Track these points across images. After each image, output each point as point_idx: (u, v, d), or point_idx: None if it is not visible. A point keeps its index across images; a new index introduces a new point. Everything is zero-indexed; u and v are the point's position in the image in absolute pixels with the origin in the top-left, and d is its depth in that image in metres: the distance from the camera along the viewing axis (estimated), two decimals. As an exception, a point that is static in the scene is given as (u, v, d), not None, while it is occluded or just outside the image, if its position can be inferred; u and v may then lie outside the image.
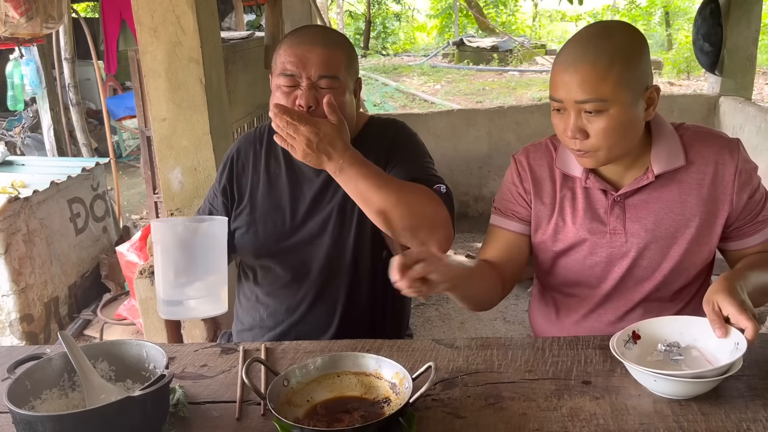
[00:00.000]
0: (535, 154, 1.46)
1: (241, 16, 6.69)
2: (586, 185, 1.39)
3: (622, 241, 1.37)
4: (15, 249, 3.20)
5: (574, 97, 1.25)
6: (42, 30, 3.50)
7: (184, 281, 1.32)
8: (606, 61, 1.22)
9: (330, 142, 1.31)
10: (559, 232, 1.42)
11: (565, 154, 1.42)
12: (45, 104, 5.38)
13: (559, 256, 1.44)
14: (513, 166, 1.48)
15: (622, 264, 1.39)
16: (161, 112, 2.44)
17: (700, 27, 4.63)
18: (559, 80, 1.27)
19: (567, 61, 1.26)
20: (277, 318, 1.60)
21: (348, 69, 1.46)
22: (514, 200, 1.47)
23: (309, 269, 1.56)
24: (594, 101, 1.24)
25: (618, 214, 1.37)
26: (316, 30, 1.52)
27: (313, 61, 1.41)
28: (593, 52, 1.24)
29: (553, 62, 1.31)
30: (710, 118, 4.61)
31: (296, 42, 1.43)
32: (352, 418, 1.10)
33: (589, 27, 1.33)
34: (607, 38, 1.25)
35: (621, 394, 1.15)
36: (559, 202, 1.42)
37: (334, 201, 1.53)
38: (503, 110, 4.79)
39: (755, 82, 5.10)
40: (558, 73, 1.28)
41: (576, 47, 1.27)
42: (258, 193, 1.59)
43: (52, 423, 1.01)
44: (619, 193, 1.36)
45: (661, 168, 1.33)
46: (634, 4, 15.30)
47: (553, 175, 1.44)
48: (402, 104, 10.55)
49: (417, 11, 18.77)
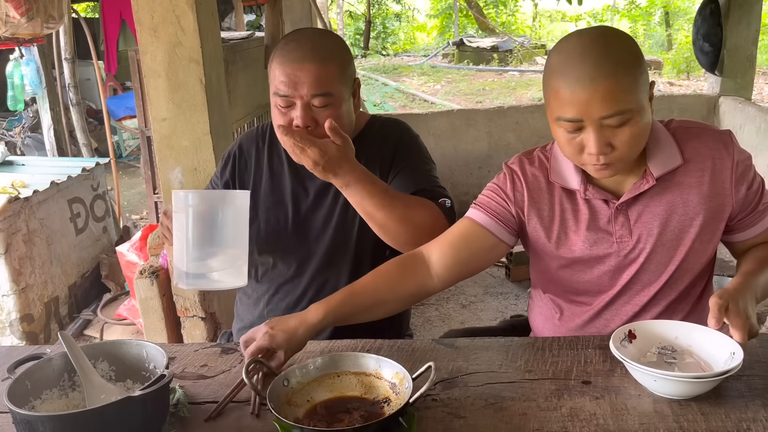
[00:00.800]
0: (531, 166, 1.40)
1: (241, 16, 6.69)
2: (586, 197, 1.35)
3: (630, 247, 1.35)
4: (15, 249, 3.20)
5: (597, 114, 1.18)
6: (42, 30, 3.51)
7: (209, 251, 1.31)
8: (623, 70, 1.17)
9: (336, 163, 1.34)
10: (562, 245, 1.38)
11: (560, 167, 1.37)
12: (45, 104, 5.38)
13: (563, 267, 1.41)
14: (507, 174, 1.41)
15: (630, 270, 1.37)
16: (161, 112, 2.44)
17: (700, 27, 4.63)
18: (574, 99, 1.18)
19: (580, 77, 1.17)
20: (277, 315, 1.59)
21: (341, 79, 1.45)
22: (497, 202, 1.40)
23: (311, 266, 1.57)
24: (620, 114, 1.18)
25: (623, 221, 1.35)
26: (306, 42, 1.45)
27: (304, 80, 1.40)
28: (608, 65, 1.17)
29: (551, 80, 1.22)
30: (710, 118, 4.62)
31: (287, 60, 1.42)
32: (352, 418, 1.10)
33: (579, 39, 1.23)
34: (610, 46, 1.20)
35: (621, 394, 1.15)
36: (559, 215, 1.38)
37: (337, 198, 1.53)
38: (503, 110, 4.79)
39: (755, 82, 5.11)
40: (570, 92, 1.18)
41: (585, 61, 1.18)
42: (260, 190, 1.60)
43: (52, 423, 1.01)
44: (621, 201, 1.33)
45: (659, 170, 1.31)
46: (634, 4, 15.30)
47: (550, 188, 1.38)
48: (402, 104, 10.56)
49: (417, 11, 18.77)
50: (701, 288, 1.43)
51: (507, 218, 1.39)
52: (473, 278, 3.85)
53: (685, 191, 1.33)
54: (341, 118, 1.45)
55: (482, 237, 1.39)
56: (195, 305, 2.64)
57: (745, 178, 1.34)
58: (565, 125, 1.22)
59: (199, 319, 2.66)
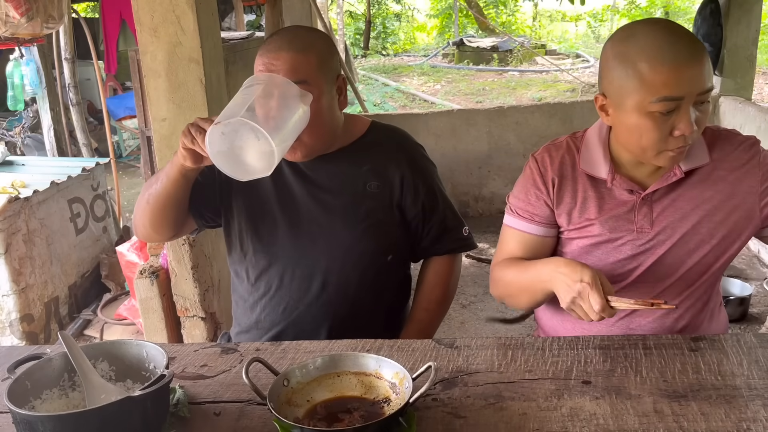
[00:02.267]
0: (557, 153, 1.44)
1: (241, 16, 6.69)
2: (612, 186, 1.38)
3: (648, 237, 1.38)
4: (15, 249, 3.20)
5: (698, 89, 1.22)
6: (42, 30, 3.51)
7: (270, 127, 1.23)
8: (702, 49, 1.23)
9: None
10: (583, 230, 1.41)
11: (590, 155, 1.40)
12: (45, 104, 5.37)
13: (581, 253, 1.44)
14: (533, 164, 1.46)
15: (645, 261, 1.39)
16: (161, 112, 2.44)
17: (700, 27, 4.63)
18: (679, 76, 1.21)
19: (679, 57, 1.21)
20: (274, 319, 1.59)
21: (320, 70, 1.42)
22: (534, 202, 1.45)
23: (308, 270, 1.55)
24: (710, 91, 1.24)
25: (646, 212, 1.37)
26: (285, 35, 1.47)
27: (279, 68, 1.39)
28: (696, 46, 1.23)
29: (637, 65, 1.23)
30: (710, 118, 4.61)
31: (265, 50, 1.42)
32: (352, 418, 1.10)
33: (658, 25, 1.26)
34: (686, 32, 1.25)
35: (621, 394, 1.15)
36: (582, 202, 1.41)
37: (336, 202, 1.53)
38: (503, 110, 4.79)
39: (755, 82, 5.11)
40: (673, 70, 1.21)
41: (677, 43, 1.22)
42: (255, 195, 1.57)
43: (52, 423, 1.01)
44: (648, 192, 1.36)
45: (688, 165, 1.34)
46: (634, 4, 15.32)
47: (575, 175, 1.42)
48: (402, 104, 10.56)
49: (417, 11, 18.77)
50: (711, 285, 1.45)
51: (545, 215, 1.45)
52: (473, 278, 3.87)
53: (710, 189, 1.36)
54: (322, 111, 1.43)
55: (537, 243, 1.47)
56: (195, 305, 2.64)
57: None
58: (660, 107, 1.22)
59: (199, 319, 2.66)
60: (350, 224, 1.52)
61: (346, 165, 1.54)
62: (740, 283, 3.36)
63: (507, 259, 1.48)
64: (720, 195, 1.35)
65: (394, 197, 1.54)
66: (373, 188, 1.53)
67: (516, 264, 1.44)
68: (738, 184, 1.35)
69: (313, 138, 1.45)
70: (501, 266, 1.48)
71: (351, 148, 1.55)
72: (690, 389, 1.16)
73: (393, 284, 1.64)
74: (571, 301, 1.24)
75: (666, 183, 1.35)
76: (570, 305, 1.25)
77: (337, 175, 1.53)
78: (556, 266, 1.29)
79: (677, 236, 1.37)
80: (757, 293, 3.46)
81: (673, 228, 1.37)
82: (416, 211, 1.57)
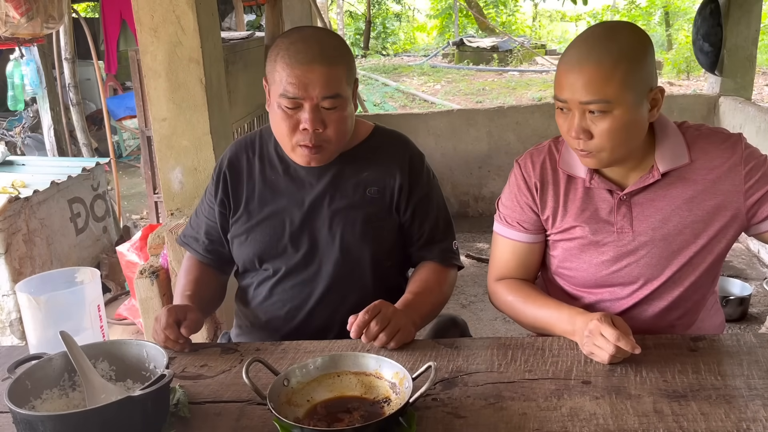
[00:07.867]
0: (539, 157, 1.46)
1: (241, 16, 6.69)
2: (591, 185, 1.39)
3: (629, 239, 1.37)
4: (15, 249, 3.20)
5: (578, 98, 1.25)
6: (42, 30, 3.51)
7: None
8: (611, 61, 1.22)
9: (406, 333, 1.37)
10: (566, 233, 1.42)
11: (569, 155, 1.42)
12: (45, 104, 5.38)
13: (567, 256, 1.44)
14: (517, 170, 1.48)
15: (628, 261, 1.39)
16: (161, 112, 2.44)
17: (699, 27, 4.63)
18: (564, 80, 1.27)
19: (572, 61, 1.26)
20: (275, 323, 1.58)
21: (348, 80, 1.45)
22: (521, 209, 1.46)
23: (308, 275, 1.54)
24: (598, 102, 1.24)
25: (625, 212, 1.37)
26: (314, 43, 1.41)
27: (315, 83, 1.38)
28: (598, 53, 1.23)
29: (558, 62, 1.31)
30: (710, 118, 4.62)
31: (295, 61, 1.39)
32: (352, 418, 1.10)
33: (594, 27, 1.32)
34: (612, 39, 1.25)
35: (621, 394, 1.15)
36: (563, 204, 1.42)
37: (334, 207, 1.52)
38: (503, 110, 4.79)
39: (755, 82, 5.10)
40: (563, 73, 1.27)
41: (581, 47, 1.27)
42: (254, 201, 1.56)
43: (52, 423, 1.01)
44: (625, 192, 1.36)
45: (666, 166, 1.34)
46: (634, 4, 15.31)
47: (557, 177, 1.43)
48: (402, 104, 10.56)
49: (417, 11, 18.78)
50: (707, 286, 1.44)
51: (532, 221, 1.47)
52: (473, 278, 3.86)
53: (691, 189, 1.34)
54: (346, 119, 1.45)
55: (526, 250, 1.49)
56: (195, 305, 2.63)
57: (760, 172, 1.33)
58: (557, 104, 1.31)
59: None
60: (348, 229, 1.52)
61: (348, 170, 1.54)
62: (740, 283, 3.36)
63: (511, 283, 1.49)
64: (702, 195, 1.34)
65: (392, 203, 1.54)
66: (373, 193, 1.53)
67: (525, 298, 1.45)
68: (720, 182, 1.34)
69: (339, 144, 1.48)
70: (505, 290, 1.49)
71: (353, 153, 1.55)
72: (690, 389, 1.15)
73: (393, 290, 1.63)
74: (588, 342, 1.25)
75: (643, 184, 1.35)
76: (589, 347, 1.25)
77: (338, 179, 1.53)
78: (570, 315, 1.33)
79: (658, 238, 1.36)
80: (757, 293, 3.46)
81: (653, 229, 1.36)
82: (408, 213, 1.56)
